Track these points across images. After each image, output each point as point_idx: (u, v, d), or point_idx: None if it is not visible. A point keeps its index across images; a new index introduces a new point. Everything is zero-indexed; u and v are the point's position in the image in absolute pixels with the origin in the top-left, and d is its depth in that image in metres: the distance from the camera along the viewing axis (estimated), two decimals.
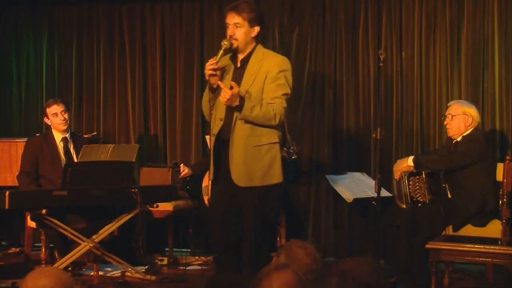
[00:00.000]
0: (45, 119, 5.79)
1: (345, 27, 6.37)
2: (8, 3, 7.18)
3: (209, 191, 4.62)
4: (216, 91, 4.27)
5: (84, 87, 7.12)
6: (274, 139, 4.29)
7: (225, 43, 4.25)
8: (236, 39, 4.25)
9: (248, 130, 4.22)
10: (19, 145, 6.21)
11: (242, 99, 4.14)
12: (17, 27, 7.26)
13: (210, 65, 4.21)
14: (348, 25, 6.36)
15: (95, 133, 6.84)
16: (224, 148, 4.28)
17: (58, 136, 5.76)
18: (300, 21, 6.50)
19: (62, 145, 5.74)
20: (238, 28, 4.25)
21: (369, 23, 6.28)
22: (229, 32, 4.27)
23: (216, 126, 4.30)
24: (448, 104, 5.46)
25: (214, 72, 4.22)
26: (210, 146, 4.35)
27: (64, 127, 5.74)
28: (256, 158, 4.24)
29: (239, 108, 4.15)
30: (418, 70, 6.16)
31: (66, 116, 5.74)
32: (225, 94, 4.11)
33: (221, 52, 4.23)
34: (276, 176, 4.29)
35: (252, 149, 4.23)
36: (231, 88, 4.12)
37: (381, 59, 5.15)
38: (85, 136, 6.35)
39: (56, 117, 5.71)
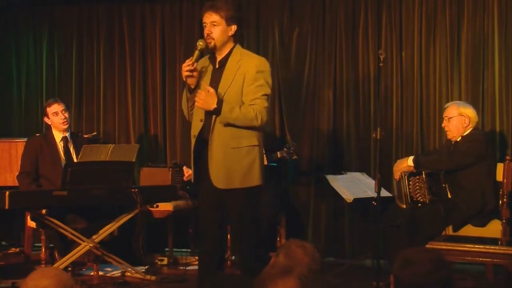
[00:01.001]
0: (45, 119, 5.80)
1: (345, 27, 6.37)
2: (8, 3, 7.18)
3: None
4: (193, 91, 4.28)
5: (84, 87, 7.13)
6: (254, 142, 4.26)
7: (200, 44, 4.25)
8: (213, 38, 4.24)
9: (227, 132, 4.21)
10: (19, 145, 6.21)
11: (219, 101, 4.14)
12: (17, 27, 7.27)
13: (186, 66, 4.21)
14: (348, 25, 6.36)
15: (95, 133, 6.84)
16: (204, 149, 4.28)
17: (58, 136, 5.76)
18: (300, 21, 6.50)
19: (62, 144, 5.75)
20: (215, 27, 4.24)
21: (369, 23, 6.28)
22: (206, 31, 4.26)
23: (196, 127, 4.31)
24: (445, 106, 5.47)
25: (191, 73, 4.22)
26: (191, 148, 4.35)
27: (65, 126, 5.75)
28: (234, 160, 4.22)
29: (217, 110, 4.14)
30: (418, 70, 6.16)
31: (66, 115, 5.76)
32: (199, 96, 4.13)
33: (196, 52, 4.23)
34: (255, 178, 4.27)
35: (231, 151, 4.22)
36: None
37: (381, 59, 5.15)
38: (85, 136, 6.35)
39: (56, 116, 5.72)
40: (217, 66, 4.31)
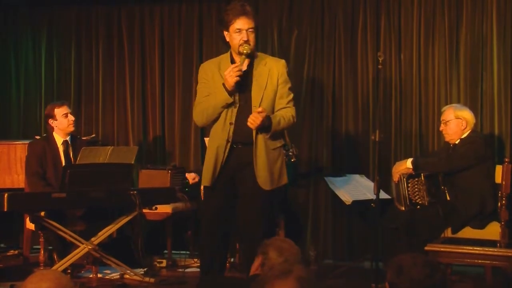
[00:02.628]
0: (50, 121, 5.75)
1: (344, 29, 6.37)
2: (7, 5, 7.17)
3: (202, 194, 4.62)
4: (233, 94, 4.31)
5: (83, 89, 7.12)
6: (282, 142, 4.49)
7: (245, 48, 4.29)
8: (250, 44, 4.31)
9: (265, 133, 4.34)
10: (18, 147, 6.21)
11: (268, 118, 4.25)
12: (16, 29, 7.25)
13: (237, 72, 4.24)
14: (347, 27, 6.36)
15: (94, 135, 6.82)
16: (233, 152, 4.34)
17: (59, 139, 5.76)
18: (299, 23, 6.50)
19: (62, 148, 5.75)
20: (252, 33, 4.33)
21: (368, 25, 6.28)
22: (244, 37, 4.30)
23: (227, 130, 4.35)
24: (442, 110, 5.47)
25: (239, 78, 4.27)
26: (221, 151, 4.37)
27: (73, 128, 5.78)
28: (274, 161, 4.40)
29: (269, 127, 4.27)
30: (417, 72, 6.17)
31: (73, 118, 5.78)
32: (255, 120, 4.20)
33: (243, 57, 4.30)
34: (285, 177, 4.49)
35: (271, 152, 4.38)
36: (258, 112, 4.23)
37: (380, 61, 5.15)
38: (84, 138, 6.34)
39: (66, 118, 5.73)
40: (245, 69, 4.34)
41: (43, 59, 7.21)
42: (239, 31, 4.30)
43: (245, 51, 4.28)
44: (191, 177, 6.16)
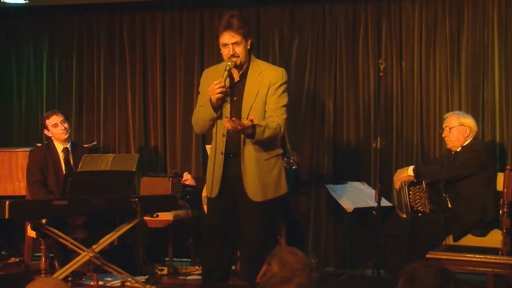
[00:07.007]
0: (45, 132, 5.80)
1: (345, 37, 6.38)
2: (8, 13, 7.19)
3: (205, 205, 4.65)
4: (219, 110, 4.33)
5: (84, 96, 7.12)
6: (279, 151, 4.43)
7: (229, 64, 4.30)
8: (238, 56, 4.31)
9: (257, 144, 4.31)
10: (19, 154, 6.21)
11: (252, 126, 4.19)
12: (18, 37, 7.27)
13: (219, 88, 4.24)
14: (348, 35, 6.37)
15: (95, 142, 6.83)
16: (229, 163, 4.33)
17: (59, 147, 5.77)
18: (300, 31, 6.51)
19: (63, 155, 5.75)
20: (238, 46, 4.31)
21: (369, 32, 6.29)
22: (230, 51, 4.31)
23: (221, 142, 4.35)
24: (445, 116, 5.48)
25: (222, 95, 4.26)
26: (218, 163, 4.37)
27: (66, 136, 5.76)
28: (267, 172, 4.36)
29: (252, 135, 4.21)
30: (418, 79, 6.17)
31: (66, 125, 5.77)
32: (235, 127, 4.13)
33: (226, 73, 4.29)
34: (283, 187, 4.44)
35: (263, 163, 4.34)
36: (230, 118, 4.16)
37: (381, 69, 5.16)
38: (85, 145, 6.35)
39: (56, 128, 5.73)
40: (237, 79, 4.38)
41: (44, 67, 7.22)
42: (225, 45, 4.32)
43: (227, 67, 4.28)
44: (186, 176, 6.15)
